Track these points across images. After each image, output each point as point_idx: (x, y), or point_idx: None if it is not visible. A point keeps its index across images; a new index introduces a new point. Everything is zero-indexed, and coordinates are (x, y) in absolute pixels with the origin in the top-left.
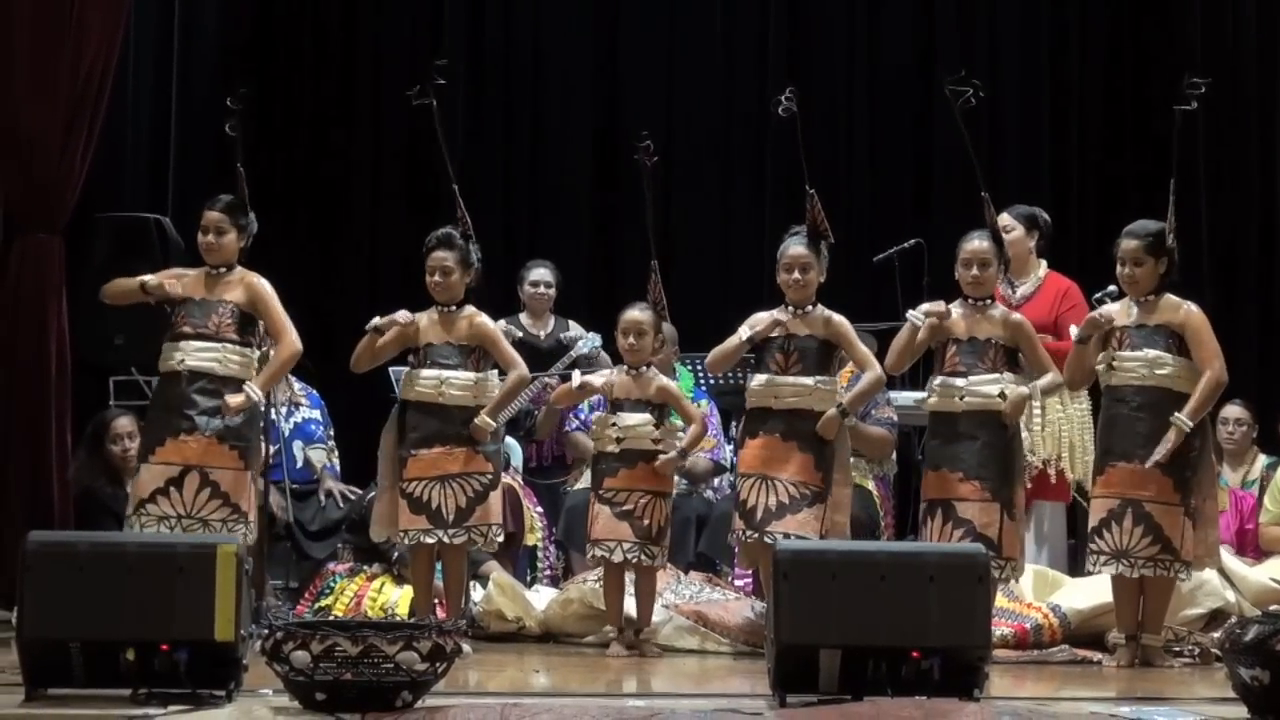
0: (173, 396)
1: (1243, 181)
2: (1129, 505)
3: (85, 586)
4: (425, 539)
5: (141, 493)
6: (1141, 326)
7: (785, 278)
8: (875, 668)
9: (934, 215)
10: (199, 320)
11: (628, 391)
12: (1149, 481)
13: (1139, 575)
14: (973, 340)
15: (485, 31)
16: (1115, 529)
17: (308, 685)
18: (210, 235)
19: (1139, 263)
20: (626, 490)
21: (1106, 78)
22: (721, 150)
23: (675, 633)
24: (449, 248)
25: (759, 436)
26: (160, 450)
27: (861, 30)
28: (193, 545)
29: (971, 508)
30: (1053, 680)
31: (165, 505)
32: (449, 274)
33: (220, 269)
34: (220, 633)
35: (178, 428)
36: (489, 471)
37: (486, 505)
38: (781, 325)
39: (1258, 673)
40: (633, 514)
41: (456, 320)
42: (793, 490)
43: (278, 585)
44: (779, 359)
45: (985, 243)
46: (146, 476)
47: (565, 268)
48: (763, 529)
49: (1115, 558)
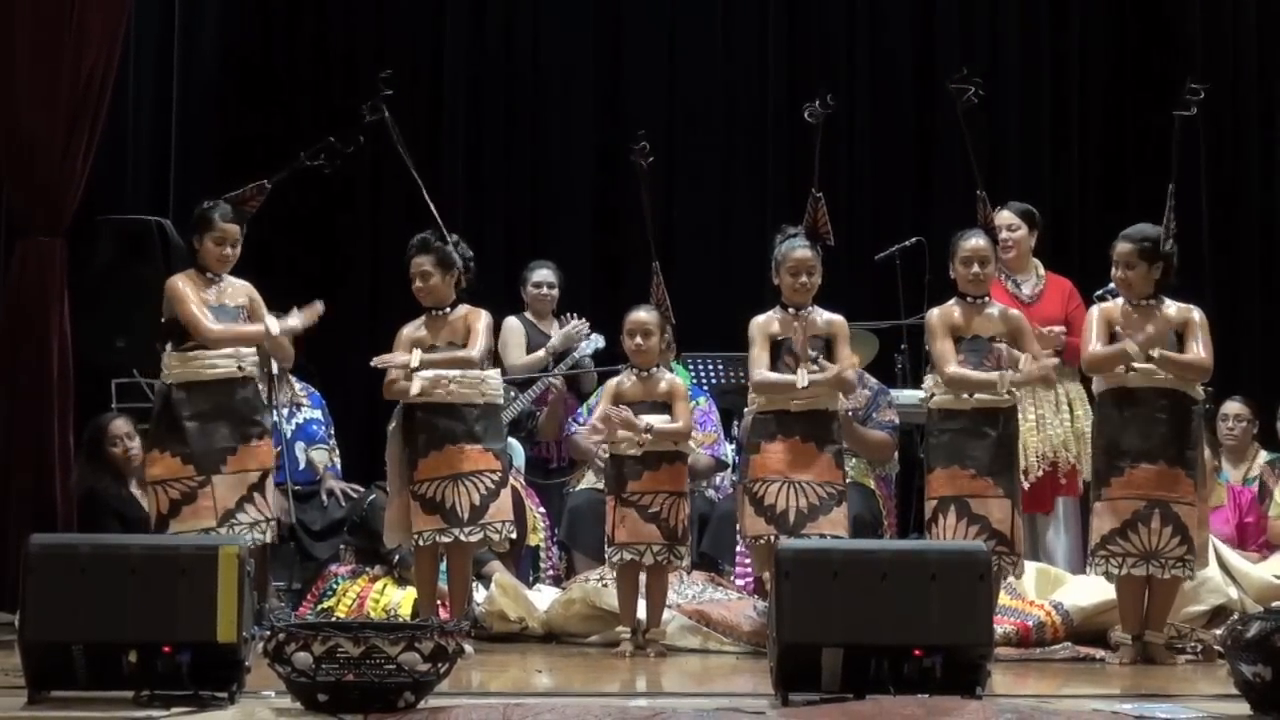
0: (237, 402)
1: (1244, 180)
2: (1156, 506)
3: (87, 589)
4: (441, 539)
5: (227, 503)
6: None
7: (791, 281)
8: (877, 666)
9: (935, 213)
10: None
11: (639, 394)
12: (1175, 482)
13: (1169, 576)
14: (975, 338)
15: (486, 33)
16: (1143, 530)
17: (310, 686)
18: (227, 247)
19: (1131, 266)
20: (651, 493)
21: (1107, 79)
22: (723, 151)
23: (678, 632)
24: (425, 252)
25: (778, 440)
26: (233, 459)
27: (862, 29)
28: (195, 547)
29: (987, 504)
30: (1055, 678)
31: (253, 511)
32: (429, 278)
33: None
34: (222, 634)
35: (248, 434)
36: (498, 469)
37: (499, 502)
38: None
39: (1260, 669)
40: (659, 516)
41: (449, 322)
42: (821, 491)
43: (280, 587)
44: (789, 361)
45: (984, 240)
46: (225, 488)
47: (568, 268)
48: (798, 532)
49: (1145, 559)
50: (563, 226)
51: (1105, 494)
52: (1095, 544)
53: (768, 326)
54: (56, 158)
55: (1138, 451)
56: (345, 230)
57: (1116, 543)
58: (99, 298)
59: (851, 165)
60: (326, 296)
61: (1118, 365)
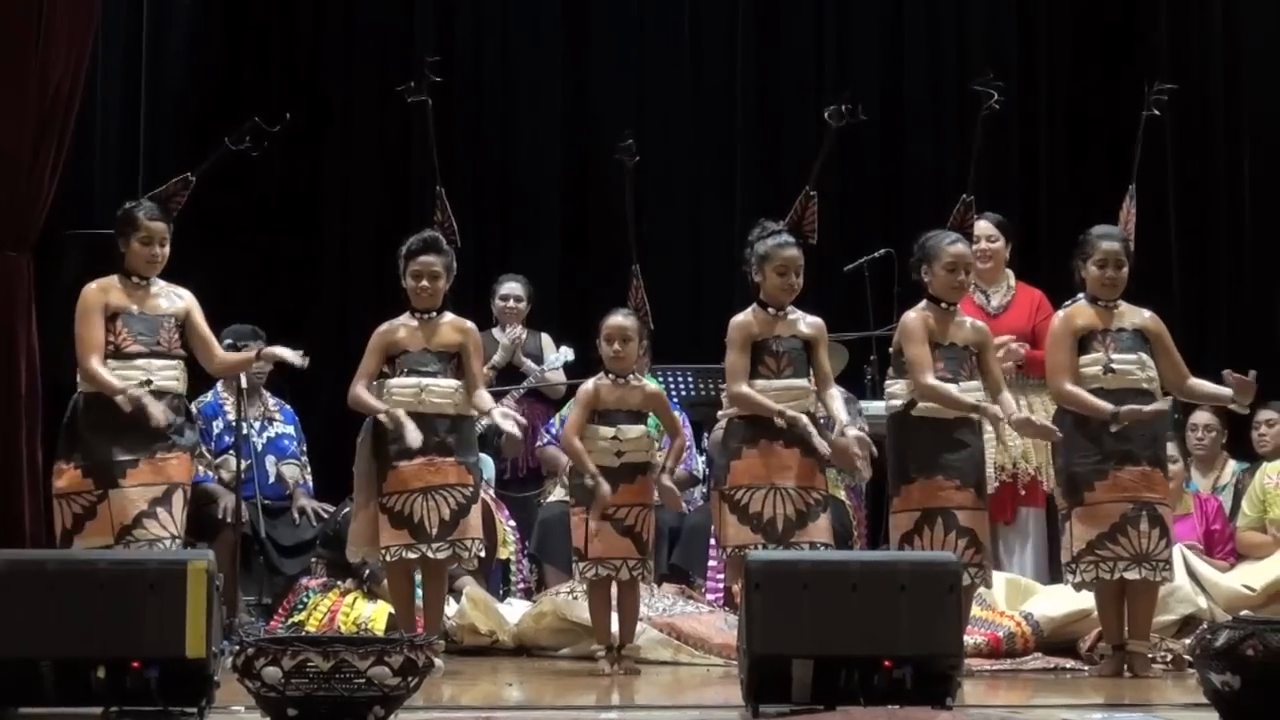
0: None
1: (1211, 189)
2: (1144, 507)
3: (55, 604)
4: (407, 554)
5: (124, 518)
6: (1121, 330)
7: (779, 280)
8: (848, 677)
9: (903, 225)
10: (148, 337)
11: (618, 402)
12: (1157, 483)
13: (1160, 579)
14: (951, 346)
15: (455, 43)
16: (1133, 532)
17: (279, 701)
18: (155, 246)
19: (1120, 265)
20: (627, 506)
21: (1073, 86)
22: (691, 163)
23: (649, 645)
24: (437, 252)
25: (758, 445)
26: (133, 472)
27: (830, 40)
28: (163, 562)
29: (972, 516)
30: (1025, 688)
31: (155, 527)
32: (437, 279)
33: (160, 280)
34: (192, 650)
35: (153, 448)
36: (470, 484)
37: (469, 519)
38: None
39: (1229, 678)
40: (633, 529)
41: (439, 327)
42: (807, 497)
43: (250, 601)
44: (770, 363)
45: (967, 246)
46: (123, 502)
47: (536, 281)
48: (786, 541)
49: (1136, 562)
50: (531, 239)
51: (1088, 498)
52: (1079, 550)
53: (748, 328)
54: (23, 173)
55: (1121, 453)
56: (318, 240)
57: (1106, 547)
58: (67, 313)
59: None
60: (296, 314)
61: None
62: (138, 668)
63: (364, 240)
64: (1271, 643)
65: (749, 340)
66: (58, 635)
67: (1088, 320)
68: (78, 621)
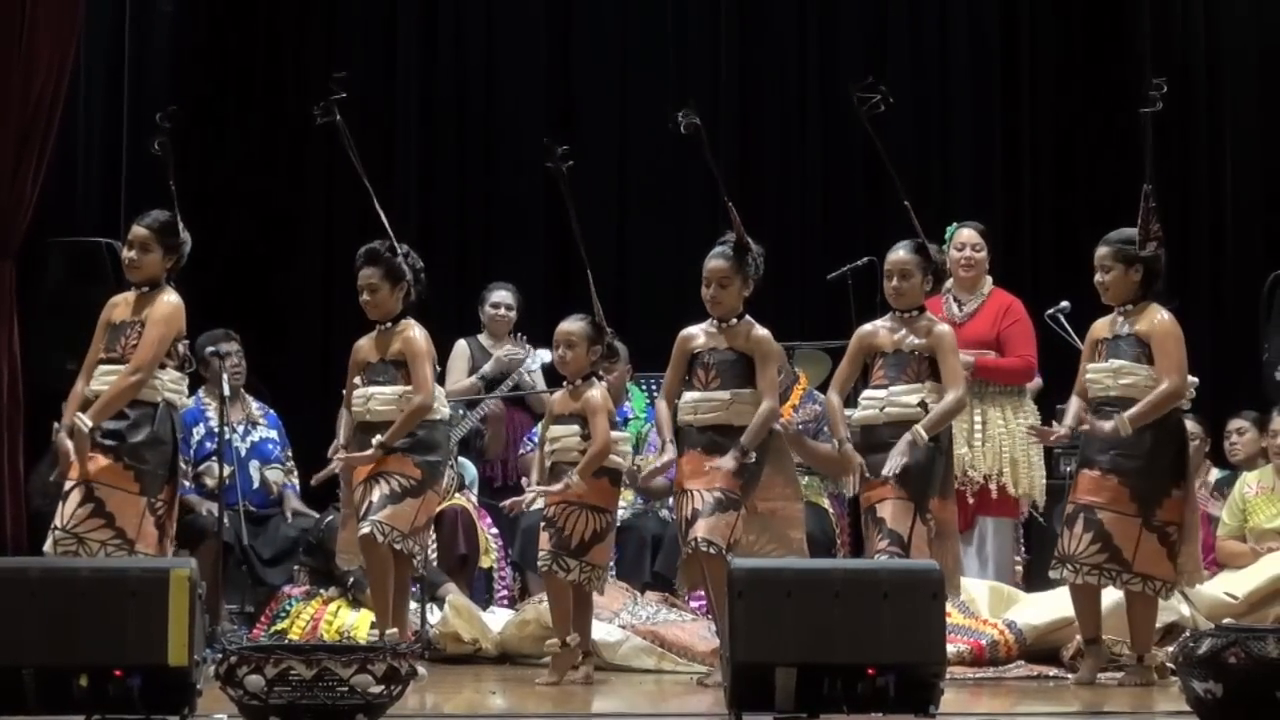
0: None
1: (1193, 196)
2: (1081, 510)
3: (37, 612)
4: (362, 529)
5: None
6: (1118, 337)
7: (704, 292)
8: (831, 685)
9: (887, 233)
10: (112, 343)
11: (565, 407)
12: (1103, 489)
13: (1082, 582)
14: (898, 353)
15: (438, 54)
16: (1066, 534)
17: (262, 709)
18: (128, 250)
19: (1106, 269)
20: (557, 504)
21: (1057, 92)
22: (676, 172)
23: (632, 653)
24: (373, 264)
25: (685, 453)
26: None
27: (813, 48)
28: (145, 570)
29: (886, 506)
30: (1008, 696)
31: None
32: (375, 291)
33: (144, 287)
34: (174, 658)
35: None
36: (416, 476)
37: (400, 507)
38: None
39: (1211, 686)
40: (554, 522)
41: (391, 337)
42: (707, 496)
43: (233, 609)
44: (700, 375)
45: (906, 254)
46: None
47: (523, 289)
48: (685, 540)
49: (1061, 562)
50: (516, 247)
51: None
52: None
53: (686, 341)
54: (6, 180)
55: (1084, 458)
56: (299, 250)
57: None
58: (49, 320)
59: (804, 184)
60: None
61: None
62: (120, 676)
63: (347, 250)
64: (1254, 651)
65: (686, 355)
66: (40, 643)
67: (1098, 329)
68: (60, 629)
